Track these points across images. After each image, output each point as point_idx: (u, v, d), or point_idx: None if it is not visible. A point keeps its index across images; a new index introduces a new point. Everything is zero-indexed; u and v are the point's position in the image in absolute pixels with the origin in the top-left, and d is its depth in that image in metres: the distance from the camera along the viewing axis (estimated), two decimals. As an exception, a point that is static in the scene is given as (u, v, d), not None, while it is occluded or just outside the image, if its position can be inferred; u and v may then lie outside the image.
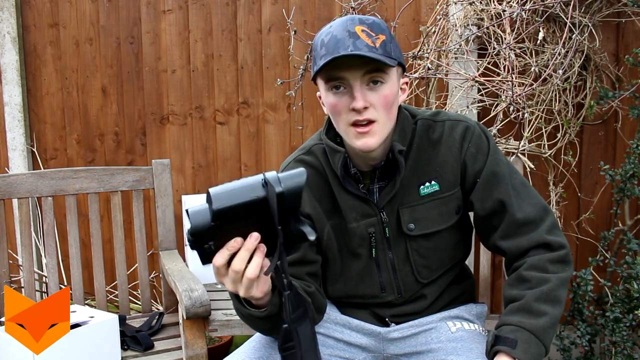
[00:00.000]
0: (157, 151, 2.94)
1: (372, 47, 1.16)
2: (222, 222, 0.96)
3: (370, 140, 1.22)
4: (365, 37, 1.17)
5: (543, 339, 1.18)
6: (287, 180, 0.97)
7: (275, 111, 2.79)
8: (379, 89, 1.20)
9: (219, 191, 0.95)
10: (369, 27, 1.19)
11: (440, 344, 1.33)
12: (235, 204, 0.95)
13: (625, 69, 2.29)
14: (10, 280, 2.12)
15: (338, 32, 1.18)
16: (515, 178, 1.32)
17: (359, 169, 1.33)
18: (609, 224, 2.35)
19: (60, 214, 2.73)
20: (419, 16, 2.55)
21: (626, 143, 2.28)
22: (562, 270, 1.24)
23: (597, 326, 2.17)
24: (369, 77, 1.19)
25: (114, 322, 1.79)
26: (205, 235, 0.97)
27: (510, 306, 1.23)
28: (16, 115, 2.98)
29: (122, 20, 2.90)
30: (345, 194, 1.33)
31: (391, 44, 1.21)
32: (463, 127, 1.32)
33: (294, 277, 1.30)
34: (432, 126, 1.33)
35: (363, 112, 1.20)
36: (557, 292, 1.21)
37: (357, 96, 1.19)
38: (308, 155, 1.37)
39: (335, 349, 1.39)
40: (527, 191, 1.31)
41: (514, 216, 1.27)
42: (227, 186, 0.96)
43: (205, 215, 0.96)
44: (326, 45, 1.19)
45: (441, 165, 1.31)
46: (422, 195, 1.32)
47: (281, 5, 2.70)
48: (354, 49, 1.15)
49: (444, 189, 1.32)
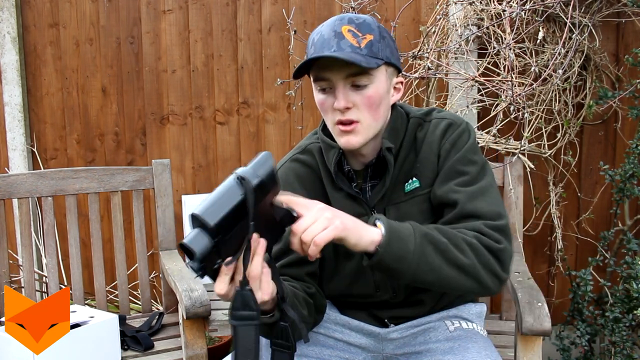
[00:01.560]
0: (157, 151, 2.94)
1: (356, 48, 1.17)
2: (222, 236, 0.96)
3: (353, 139, 1.23)
4: (351, 37, 1.18)
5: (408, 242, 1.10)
6: (259, 169, 0.99)
7: (275, 111, 2.79)
8: (362, 90, 1.21)
9: (204, 209, 0.94)
10: (357, 26, 1.19)
11: (438, 344, 1.33)
12: (226, 212, 0.95)
13: (625, 69, 2.29)
14: (10, 280, 2.12)
15: (326, 32, 1.20)
16: (481, 182, 1.25)
17: (352, 167, 1.33)
18: (609, 224, 2.35)
19: (60, 214, 2.73)
20: (419, 16, 2.56)
21: (626, 143, 2.28)
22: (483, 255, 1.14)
23: (597, 326, 2.17)
24: (351, 79, 1.20)
25: (114, 322, 1.80)
26: (212, 256, 0.96)
27: None
28: (16, 115, 2.98)
29: (122, 20, 2.90)
30: (337, 193, 1.33)
31: (380, 43, 1.21)
32: (446, 124, 1.30)
33: (294, 279, 1.30)
34: (421, 124, 1.33)
35: (345, 113, 1.21)
36: (453, 254, 1.12)
37: (339, 96, 1.20)
38: (303, 154, 1.38)
39: (335, 349, 1.39)
40: (489, 196, 1.24)
41: (463, 207, 1.21)
42: (208, 201, 0.96)
43: (202, 238, 0.94)
44: (315, 45, 1.21)
45: (422, 162, 1.31)
46: (406, 192, 1.32)
47: (281, 5, 2.71)
48: (337, 49, 1.17)
49: (424, 186, 1.31)
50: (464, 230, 1.18)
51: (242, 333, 1.00)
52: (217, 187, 0.98)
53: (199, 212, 0.94)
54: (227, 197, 0.96)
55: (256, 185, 0.97)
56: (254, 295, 1.00)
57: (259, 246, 1.00)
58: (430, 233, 1.14)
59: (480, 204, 1.22)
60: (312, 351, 1.36)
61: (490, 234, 1.17)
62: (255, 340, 1.00)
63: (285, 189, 1.34)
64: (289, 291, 1.20)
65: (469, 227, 1.19)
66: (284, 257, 1.31)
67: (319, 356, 1.36)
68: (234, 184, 0.97)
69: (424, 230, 1.14)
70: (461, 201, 1.22)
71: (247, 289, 1.00)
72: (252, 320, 1.00)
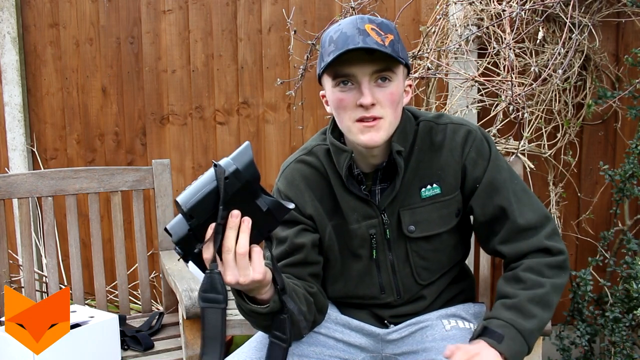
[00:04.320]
0: (157, 151, 2.94)
1: (382, 45, 1.17)
2: (197, 220, 1.00)
3: (376, 135, 1.21)
4: (375, 35, 1.17)
5: (528, 340, 1.20)
6: (237, 158, 1.02)
7: (275, 111, 2.79)
8: (386, 86, 1.20)
9: (182, 196, 1.00)
10: (378, 26, 1.19)
11: (434, 343, 1.33)
12: (200, 197, 0.99)
13: (625, 69, 2.29)
14: (10, 280, 2.12)
15: (348, 29, 1.18)
16: (517, 184, 1.32)
17: (361, 170, 1.33)
18: (609, 224, 2.35)
19: (60, 214, 2.73)
20: (419, 16, 2.56)
21: (626, 143, 2.28)
22: (558, 276, 1.26)
23: (597, 326, 2.17)
24: (377, 74, 1.19)
25: (114, 322, 1.80)
26: (189, 239, 1.01)
27: (502, 302, 1.24)
28: (16, 115, 2.98)
29: (122, 20, 2.90)
30: (347, 195, 1.33)
31: (399, 44, 1.22)
32: (465, 131, 1.32)
33: (296, 278, 1.31)
34: (434, 129, 1.33)
35: (370, 109, 1.19)
36: (550, 297, 1.23)
37: (366, 92, 1.18)
38: (309, 156, 1.37)
39: (335, 349, 1.39)
40: (528, 197, 1.32)
41: (515, 222, 1.28)
42: (188, 188, 1.01)
43: (181, 222, 1.00)
44: (335, 42, 1.19)
45: (443, 169, 1.31)
46: (424, 197, 1.32)
47: (281, 5, 2.71)
48: (364, 45, 1.15)
49: (445, 192, 1.32)
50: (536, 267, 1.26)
51: (209, 316, 1.02)
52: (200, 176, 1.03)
53: (179, 199, 1.00)
54: (203, 184, 1.01)
55: (231, 173, 1.00)
56: (222, 279, 1.02)
57: (243, 224, 1.02)
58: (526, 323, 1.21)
59: (529, 214, 1.29)
60: (313, 351, 1.36)
61: (552, 247, 1.28)
62: (221, 324, 1.02)
63: (291, 189, 1.35)
64: (289, 286, 1.20)
65: (533, 248, 1.28)
66: (288, 258, 1.31)
67: (319, 356, 1.36)
68: (211, 173, 1.02)
69: (525, 325, 1.20)
70: (517, 217, 1.29)
71: (215, 271, 1.02)
72: (218, 303, 1.01)
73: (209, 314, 1.02)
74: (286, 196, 1.35)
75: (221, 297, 1.01)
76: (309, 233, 1.33)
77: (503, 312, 1.21)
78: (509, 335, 1.18)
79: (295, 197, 1.34)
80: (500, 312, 1.22)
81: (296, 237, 1.31)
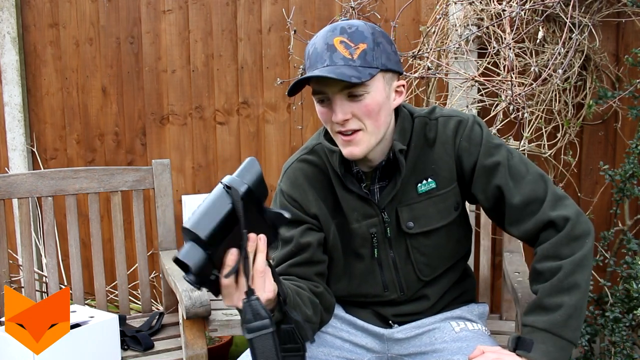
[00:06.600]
0: (157, 151, 2.94)
1: (349, 59, 1.17)
2: (215, 246, 0.96)
3: (355, 149, 1.23)
4: (343, 49, 1.18)
5: (562, 333, 1.15)
6: (246, 176, 0.99)
7: (275, 111, 2.79)
8: (360, 100, 1.20)
9: (195, 222, 0.95)
10: (349, 36, 1.19)
11: (445, 344, 1.33)
12: (217, 223, 0.95)
13: (625, 69, 2.29)
14: (10, 280, 2.12)
15: (319, 44, 1.21)
16: (512, 158, 1.29)
17: (360, 169, 1.33)
18: (609, 224, 2.35)
19: (60, 214, 2.73)
20: (419, 16, 2.55)
21: (626, 143, 2.28)
22: (577, 248, 1.20)
23: (597, 326, 2.17)
24: (347, 91, 1.20)
25: (114, 322, 1.80)
26: (207, 267, 0.96)
27: (528, 304, 1.22)
28: (16, 115, 2.98)
29: (122, 20, 2.90)
30: (347, 194, 1.33)
31: (374, 51, 1.20)
32: (455, 122, 1.32)
33: (302, 278, 1.31)
34: (427, 124, 1.34)
35: (345, 124, 1.21)
36: (572, 278, 1.17)
37: (337, 110, 1.20)
38: (311, 155, 1.37)
39: (342, 350, 1.39)
40: (526, 167, 1.28)
41: (513, 199, 1.25)
42: (199, 213, 0.96)
43: (196, 250, 0.95)
44: (310, 58, 1.22)
45: (436, 163, 1.31)
46: (420, 193, 1.32)
47: (281, 5, 2.70)
48: (330, 63, 1.17)
49: (441, 186, 1.32)
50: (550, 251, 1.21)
51: (259, 343, 0.98)
52: (206, 198, 0.98)
53: (190, 226, 0.94)
54: (216, 207, 0.96)
55: (244, 193, 0.97)
56: (261, 303, 0.99)
57: (260, 242, 1.02)
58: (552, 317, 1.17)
59: (525, 188, 1.25)
60: (321, 352, 1.36)
61: (557, 217, 1.22)
62: (275, 347, 0.98)
63: (294, 190, 1.35)
64: (291, 291, 1.20)
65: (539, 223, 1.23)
66: (294, 257, 1.31)
67: (327, 357, 1.36)
68: (222, 194, 0.97)
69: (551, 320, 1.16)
70: (514, 195, 1.25)
71: (253, 298, 0.98)
72: (266, 328, 0.98)
73: (259, 341, 0.98)
74: (290, 197, 1.35)
75: (267, 321, 0.98)
76: (315, 232, 1.34)
77: (527, 316, 1.19)
78: (538, 339, 1.15)
79: (299, 197, 1.34)
80: (525, 317, 1.20)
81: (302, 237, 1.32)
